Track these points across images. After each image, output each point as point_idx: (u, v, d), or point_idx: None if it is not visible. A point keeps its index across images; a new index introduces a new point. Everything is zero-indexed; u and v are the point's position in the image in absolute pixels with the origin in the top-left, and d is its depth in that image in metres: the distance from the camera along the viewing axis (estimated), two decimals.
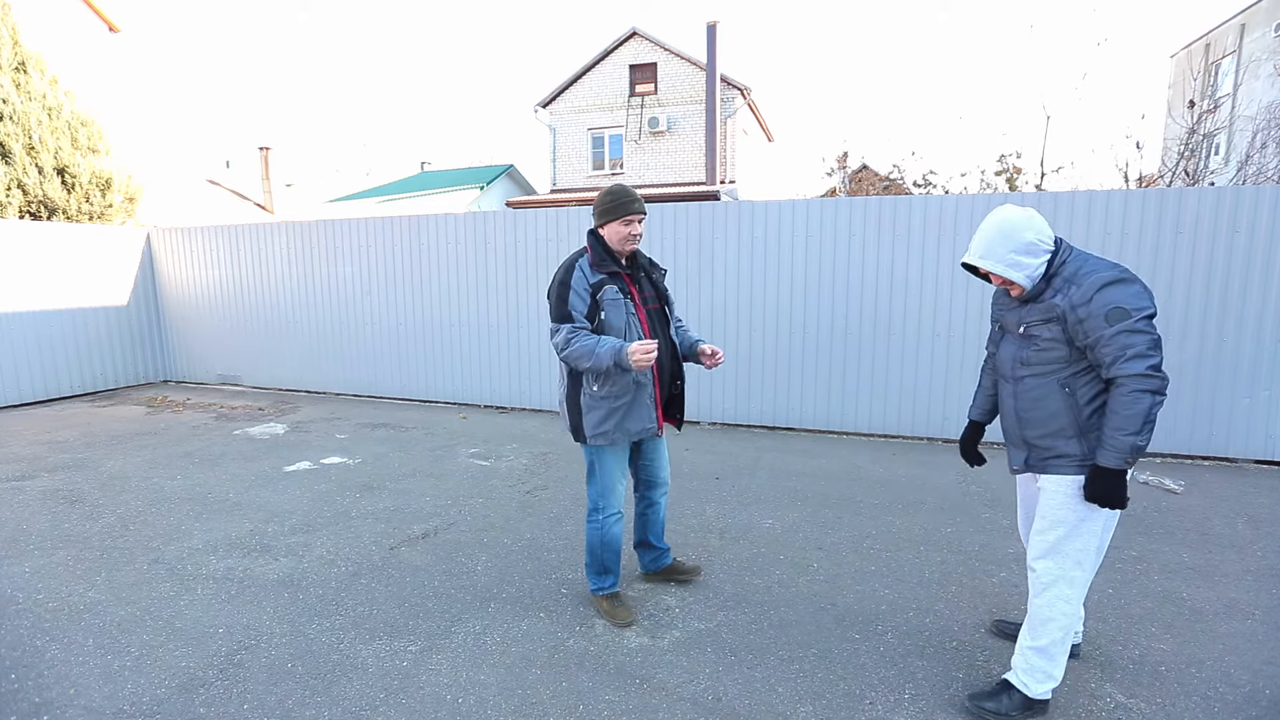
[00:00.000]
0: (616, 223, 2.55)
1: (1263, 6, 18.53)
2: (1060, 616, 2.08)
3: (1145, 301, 1.89)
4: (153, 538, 3.57)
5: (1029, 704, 2.13)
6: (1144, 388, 1.85)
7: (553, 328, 2.53)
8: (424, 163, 25.17)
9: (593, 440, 2.61)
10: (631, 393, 2.57)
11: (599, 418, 2.57)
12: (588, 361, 2.43)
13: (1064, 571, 2.08)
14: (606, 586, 2.81)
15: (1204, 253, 4.82)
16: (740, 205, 5.87)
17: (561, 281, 2.53)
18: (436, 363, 7.07)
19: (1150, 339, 1.87)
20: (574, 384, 2.61)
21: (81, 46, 10.35)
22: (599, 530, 2.73)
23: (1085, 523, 2.05)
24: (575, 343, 2.45)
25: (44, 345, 7.20)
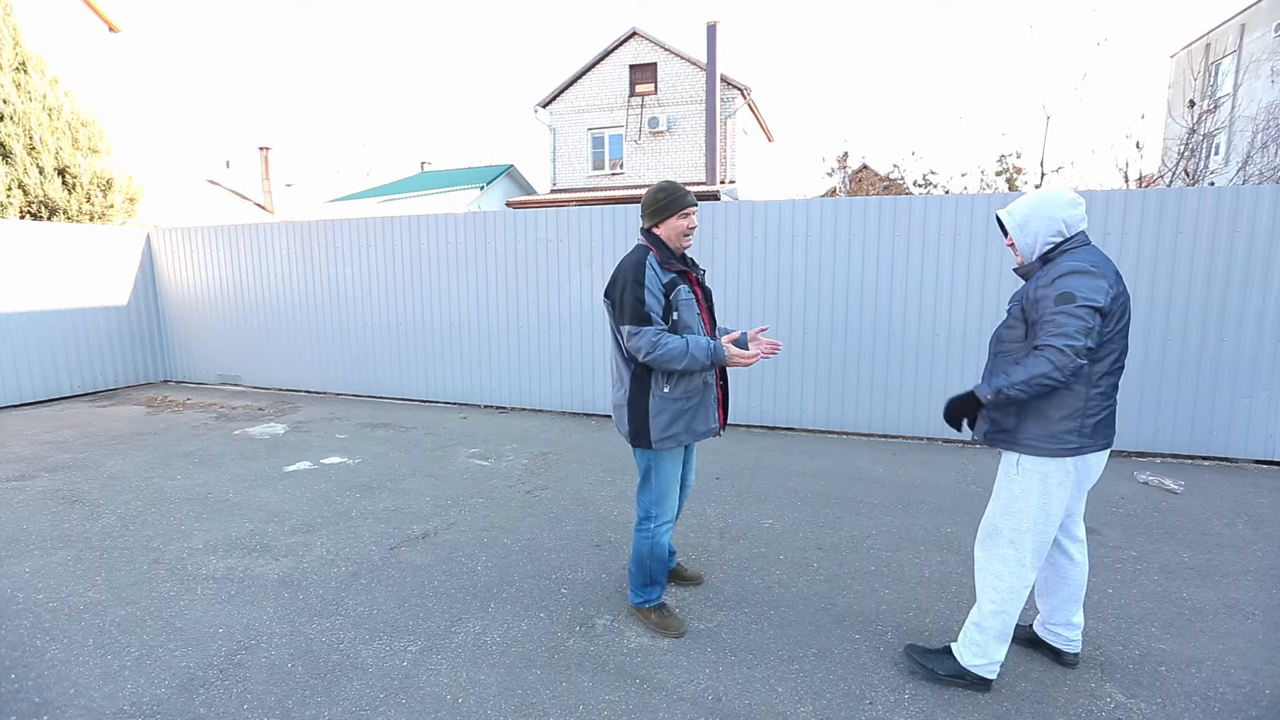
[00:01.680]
0: (674, 218, 2.48)
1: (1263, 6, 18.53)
2: (991, 591, 2.19)
3: (1096, 295, 1.96)
4: (153, 538, 3.57)
5: (962, 673, 2.25)
6: (1050, 357, 1.95)
7: (631, 330, 2.37)
8: (424, 163, 25.17)
9: (659, 444, 2.48)
10: (701, 393, 2.52)
11: (668, 420, 2.47)
12: (680, 363, 2.34)
13: (996, 549, 2.20)
14: (653, 599, 2.71)
15: (1204, 253, 4.82)
16: (740, 205, 5.87)
17: (635, 281, 2.39)
18: (436, 363, 7.07)
19: (1083, 325, 1.94)
20: (639, 387, 2.48)
21: (81, 46, 10.36)
22: (649, 539, 2.60)
23: (1017, 502, 2.15)
24: (665, 344, 2.33)
25: (44, 345, 7.20)
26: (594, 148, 19.96)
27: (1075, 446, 2.07)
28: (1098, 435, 2.10)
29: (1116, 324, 2.04)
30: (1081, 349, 1.93)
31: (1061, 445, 2.07)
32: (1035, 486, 2.12)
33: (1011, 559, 2.16)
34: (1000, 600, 2.18)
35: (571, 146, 20.05)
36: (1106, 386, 2.09)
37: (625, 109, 19.24)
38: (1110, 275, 2.03)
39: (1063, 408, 2.06)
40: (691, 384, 2.49)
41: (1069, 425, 2.06)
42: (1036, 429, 2.10)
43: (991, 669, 2.23)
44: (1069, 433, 2.07)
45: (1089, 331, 1.94)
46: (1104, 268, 2.02)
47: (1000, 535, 2.19)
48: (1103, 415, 2.10)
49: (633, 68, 19.17)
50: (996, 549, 2.20)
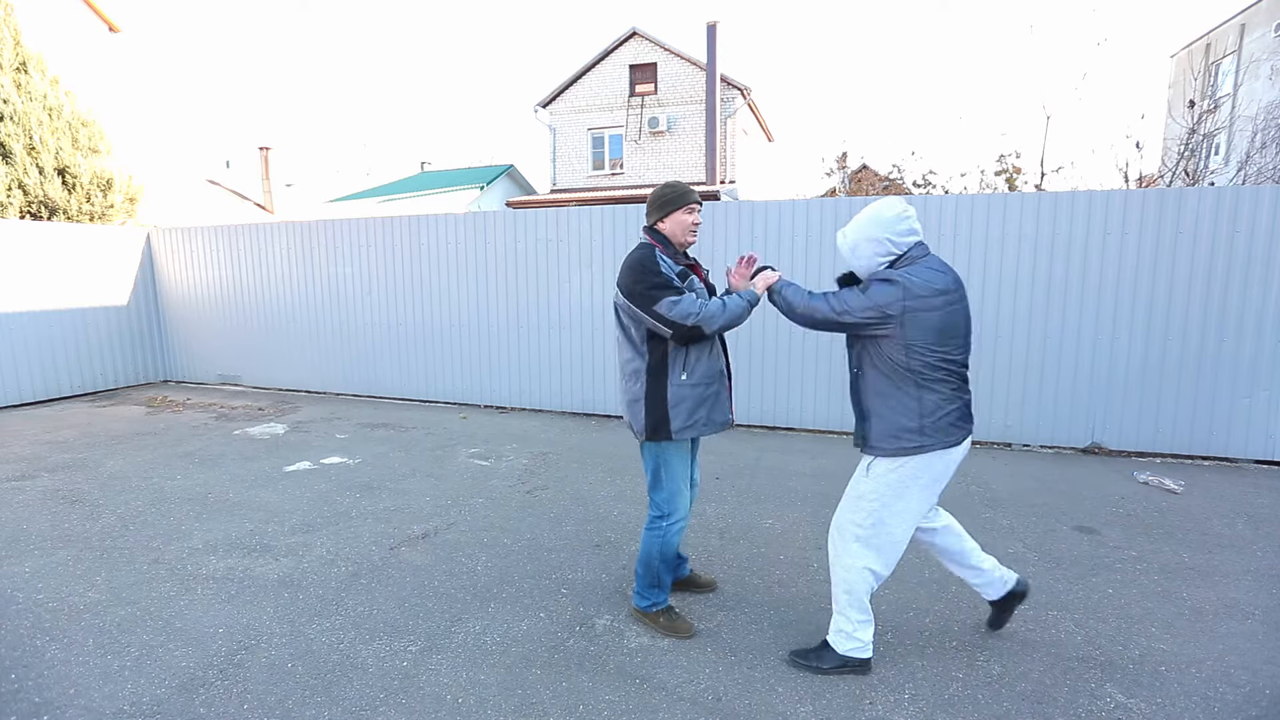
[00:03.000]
0: (679, 212, 2.50)
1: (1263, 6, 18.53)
2: (841, 581, 2.34)
3: (884, 299, 2.13)
4: (153, 538, 3.57)
5: (844, 661, 2.37)
6: (814, 304, 2.27)
7: (670, 301, 2.33)
8: (424, 163, 25.17)
9: (680, 434, 2.45)
10: (718, 380, 2.53)
11: (689, 408, 2.45)
12: (722, 319, 2.37)
13: (844, 540, 2.33)
14: (660, 603, 2.67)
15: (1204, 253, 4.82)
16: (740, 205, 5.87)
17: (649, 269, 2.39)
18: (436, 363, 7.07)
19: (844, 307, 2.19)
20: (656, 378, 2.45)
21: (82, 46, 10.36)
22: (660, 538, 2.55)
23: (864, 499, 2.29)
24: (708, 304, 2.36)
25: (44, 345, 7.20)
26: (594, 148, 19.96)
27: (916, 445, 2.19)
28: (940, 435, 2.20)
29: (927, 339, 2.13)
30: (822, 319, 2.24)
31: (901, 445, 2.21)
32: (879, 486, 2.26)
33: (858, 552, 2.30)
34: (849, 587, 2.32)
35: (571, 146, 20.04)
36: (944, 390, 2.19)
37: (625, 109, 19.24)
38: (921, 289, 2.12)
39: (900, 410, 2.20)
40: (710, 370, 2.50)
41: (908, 426, 2.20)
42: (879, 430, 2.25)
43: (865, 649, 2.36)
44: (909, 433, 2.20)
45: (845, 313, 2.18)
46: (918, 284, 2.13)
47: (846, 531, 2.33)
48: (943, 416, 2.19)
49: (633, 68, 19.17)
50: (844, 543, 2.33)
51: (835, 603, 2.38)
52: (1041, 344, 5.22)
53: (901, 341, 2.14)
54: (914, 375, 2.16)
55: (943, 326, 2.15)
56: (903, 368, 2.17)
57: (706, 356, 2.49)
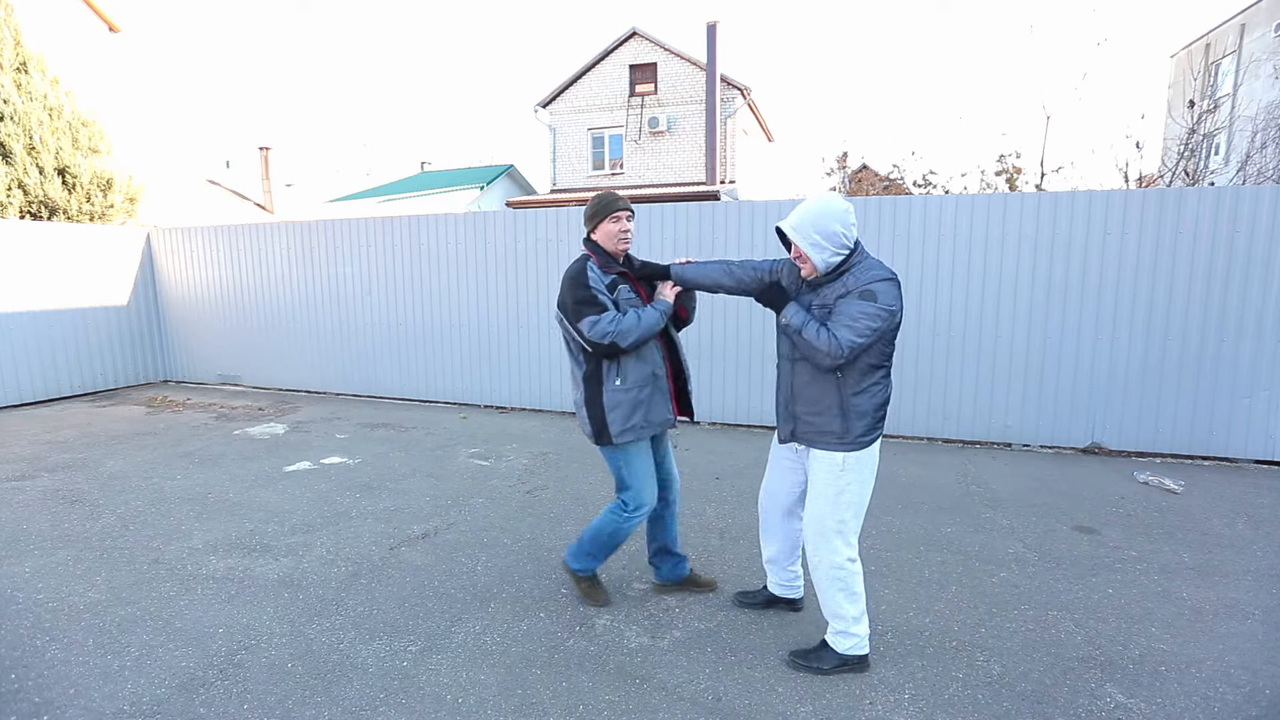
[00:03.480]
0: (607, 221, 2.61)
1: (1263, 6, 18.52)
2: (835, 581, 2.35)
3: (895, 302, 2.18)
4: (153, 538, 3.57)
5: (844, 660, 2.38)
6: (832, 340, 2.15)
7: (590, 321, 2.47)
8: (424, 163, 25.16)
9: (620, 438, 2.56)
10: (651, 383, 2.61)
11: (625, 412, 2.56)
12: (636, 331, 2.48)
13: (828, 541, 2.33)
14: (589, 569, 2.84)
15: (1204, 253, 4.82)
16: (740, 205, 5.87)
17: (579, 284, 2.52)
18: (436, 363, 7.07)
19: (872, 327, 2.14)
20: (593, 385, 2.59)
21: (82, 46, 10.35)
22: (616, 524, 2.67)
23: (844, 495, 2.31)
24: (619, 320, 2.47)
25: (44, 345, 7.20)
26: (594, 148, 19.96)
27: (879, 433, 2.32)
28: (884, 422, 2.35)
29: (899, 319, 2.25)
30: (858, 348, 2.15)
31: (874, 436, 2.30)
32: (856, 480, 2.30)
33: (842, 547, 2.33)
34: (844, 585, 2.35)
35: (571, 146, 20.04)
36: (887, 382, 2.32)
37: (625, 109, 19.24)
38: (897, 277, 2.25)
39: (876, 401, 2.28)
40: (641, 374, 2.59)
41: (879, 416, 2.29)
42: (861, 426, 2.27)
43: (863, 645, 2.39)
44: (879, 422, 2.30)
45: (874, 332, 2.15)
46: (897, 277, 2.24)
47: (829, 530, 2.34)
48: (886, 403, 2.33)
49: (633, 68, 19.17)
50: (829, 543, 2.34)
51: (828, 603, 2.39)
52: (1041, 344, 5.22)
53: (892, 332, 2.23)
54: (885, 364, 2.27)
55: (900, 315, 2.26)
56: (884, 359, 2.26)
57: (637, 362, 2.59)
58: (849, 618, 2.35)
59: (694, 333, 6.05)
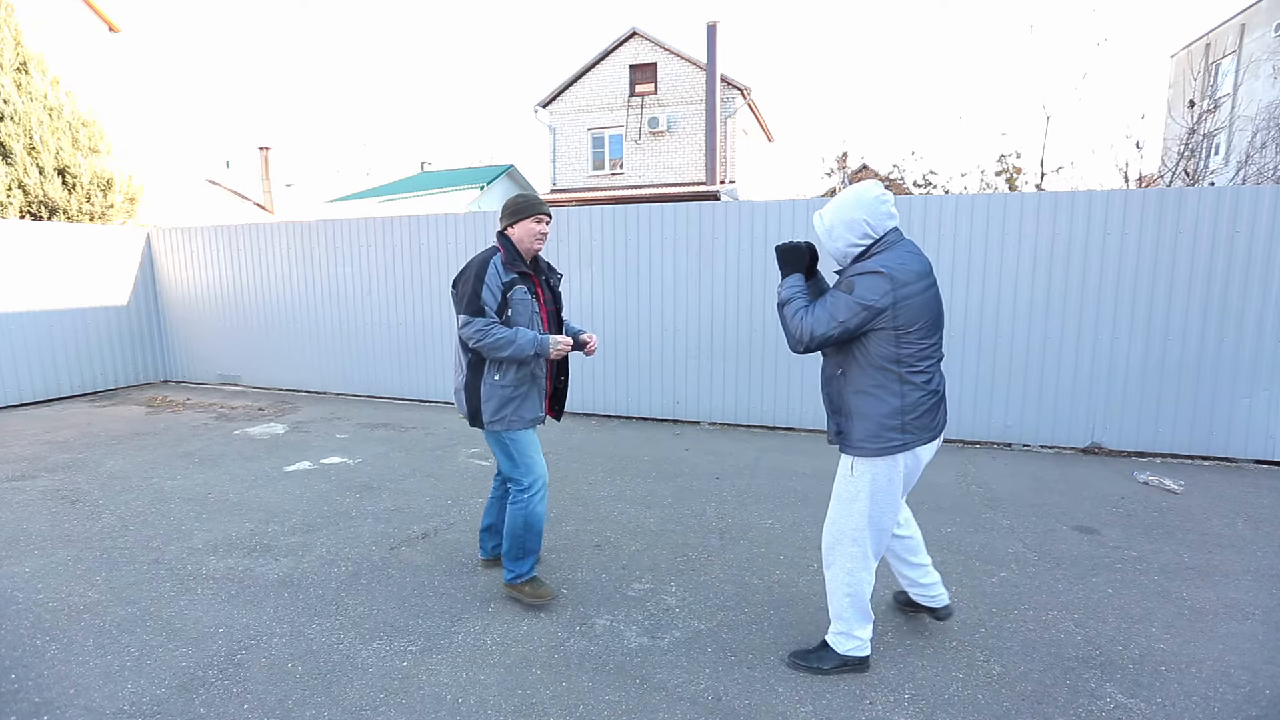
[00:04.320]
0: (529, 220, 2.70)
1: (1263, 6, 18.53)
2: (842, 585, 2.33)
3: (871, 294, 2.07)
4: (153, 538, 3.57)
5: (844, 660, 2.37)
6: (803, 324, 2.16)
7: (463, 319, 2.61)
8: (424, 163, 25.16)
9: (491, 425, 2.71)
10: (528, 384, 2.75)
11: (497, 405, 2.69)
12: (506, 351, 2.58)
13: (841, 546, 2.32)
14: (525, 573, 2.82)
15: (1204, 253, 4.82)
16: (740, 205, 5.87)
17: (476, 277, 2.62)
18: (436, 363, 7.06)
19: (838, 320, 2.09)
20: (474, 373, 2.72)
21: (82, 46, 10.35)
22: (523, 509, 2.74)
23: (854, 503, 2.26)
24: (493, 333, 2.58)
25: (44, 345, 7.20)
26: (594, 148, 19.96)
27: (900, 444, 2.18)
28: (922, 430, 2.20)
29: (915, 323, 2.11)
30: (818, 338, 2.13)
31: (886, 444, 2.18)
32: (867, 487, 2.23)
33: (857, 554, 2.29)
34: (851, 590, 2.32)
35: (571, 146, 20.04)
36: (920, 383, 2.17)
37: (625, 109, 19.24)
38: (905, 275, 2.09)
39: (883, 408, 2.16)
40: (520, 374, 2.72)
41: (891, 424, 2.16)
42: (863, 430, 2.20)
43: (864, 648, 2.37)
44: (892, 431, 2.17)
45: (841, 324, 2.10)
46: (900, 270, 2.09)
47: (844, 535, 2.31)
48: (925, 409, 2.19)
49: (633, 68, 19.17)
50: (842, 548, 2.32)
51: (834, 605, 2.38)
52: (1041, 344, 5.22)
53: (893, 331, 2.10)
54: (900, 368, 2.13)
55: (927, 310, 2.15)
56: (891, 360, 2.13)
57: (519, 364, 2.69)
58: (852, 619, 2.35)
59: (694, 333, 6.05)
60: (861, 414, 2.20)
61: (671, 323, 6.11)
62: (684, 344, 6.11)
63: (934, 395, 2.21)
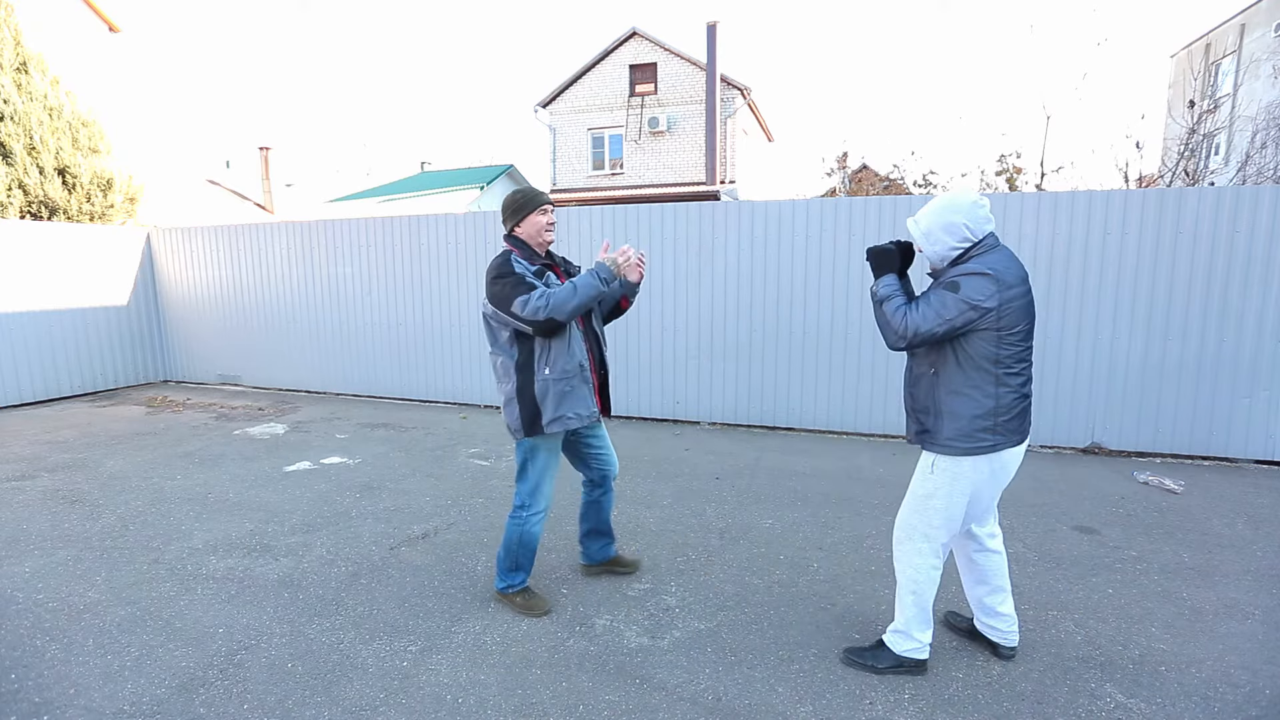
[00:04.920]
0: (534, 214, 2.62)
1: (1263, 6, 18.52)
2: (908, 582, 2.33)
3: (979, 295, 2.07)
4: (153, 538, 3.57)
5: (899, 661, 2.37)
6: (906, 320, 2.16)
7: (522, 300, 2.45)
8: (424, 163, 25.16)
9: (549, 427, 2.60)
10: (577, 374, 2.63)
11: (555, 402, 2.59)
12: (574, 300, 2.45)
13: (912, 542, 2.32)
14: (517, 584, 2.84)
15: (1204, 253, 4.82)
16: (740, 205, 5.87)
17: (504, 270, 2.52)
18: (436, 363, 7.07)
19: (944, 318, 2.09)
20: (525, 374, 2.61)
21: (82, 46, 10.35)
22: (519, 527, 2.73)
23: (931, 499, 2.26)
24: (553, 294, 2.45)
25: (44, 345, 7.20)
26: (594, 148, 19.96)
27: (990, 444, 2.16)
28: (1011, 432, 2.18)
29: (1016, 325, 2.11)
30: (923, 334, 2.12)
31: (976, 444, 2.16)
32: (945, 485, 2.22)
33: (927, 551, 2.30)
34: (916, 589, 2.32)
35: (571, 146, 20.05)
36: (1015, 385, 2.16)
37: (625, 109, 19.24)
38: (1010, 278, 2.10)
39: (977, 408, 2.15)
40: (570, 364, 2.60)
41: (983, 424, 2.15)
42: (953, 429, 2.18)
43: (922, 650, 2.36)
44: (983, 431, 2.15)
45: (947, 322, 2.09)
46: (1005, 272, 2.10)
47: (915, 531, 2.31)
48: (1017, 411, 2.18)
49: (633, 68, 19.17)
50: (913, 544, 2.32)
51: (899, 602, 2.37)
52: (1041, 344, 5.22)
53: (995, 332, 2.09)
54: (998, 368, 2.12)
55: (1027, 314, 2.14)
56: (990, 360, 2.12)
57: (564, 353, 2.59)
58: (912, 619, 2.34)
59: (694, 333, 6.05)
60: (953, 413, 2.18)
61: (671, 323, 6.11)
62: (684, 344, 6.11)
63: (1025, 398, 2.19)
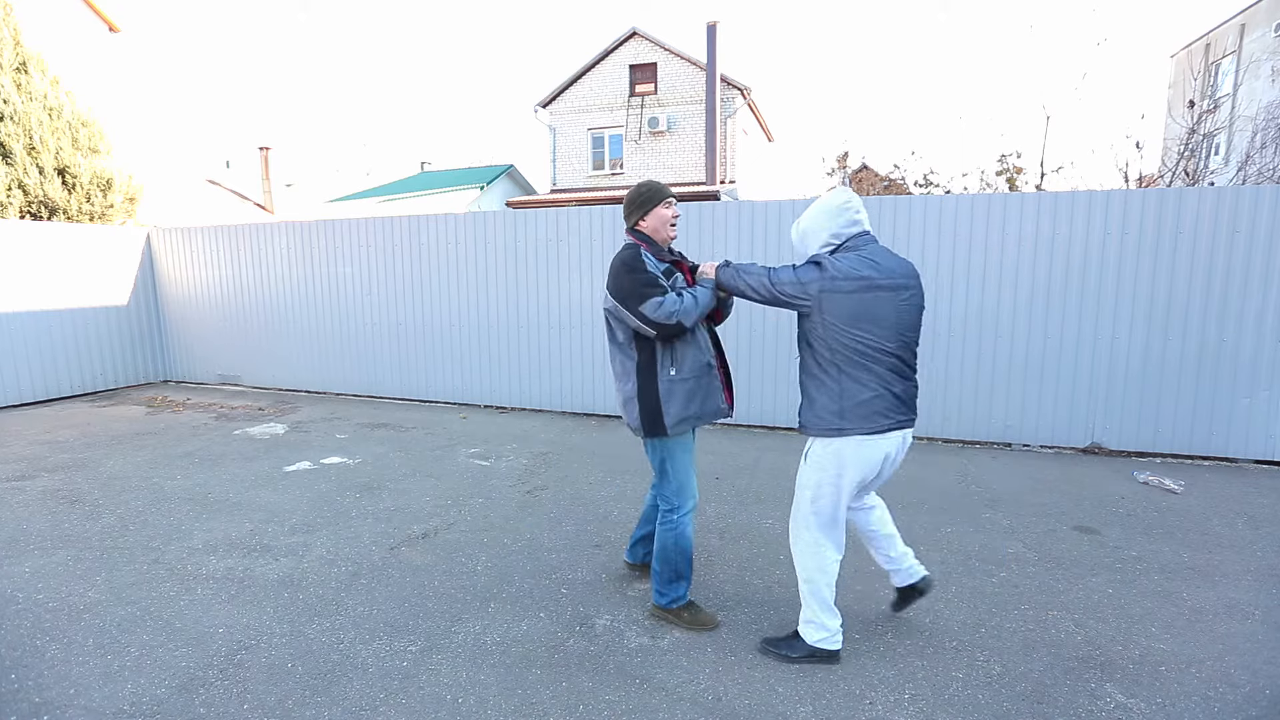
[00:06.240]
0: (659, 207, 2.57)
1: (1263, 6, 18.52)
2: (801, 571, 2.42)
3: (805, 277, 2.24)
4: (153, 538, 3.57)
5: (812, 651, 2.42)
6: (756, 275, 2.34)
7: (655, 301, 2.38)
8: (424, 163, 25.17)
9: (675, 429, 2.49)
10: (706, 372, 2.55)
11: (682, 402, 2.49)
12: (696, 312, 2.42)
13: (797, 532, 2.43)
14: (681, 597, 2.68)
15: (1204, 253, 4.82)
16: (740, 205, 5.87)
17: (637, 268, 2.45)
18: (436, 363, 7.06)
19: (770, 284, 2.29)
20: (648, 375, 2.49)
21: (81, 46, 10.36)
22: (673, 530, 2.58)
23: (805, 488, 2.38)
24: (681, 302, 2.40)
25: (44, 345, 7.20)
26: (594, 148, 19.95)
27: (836, 429, 2.28)
28: (860, 421, 2.25)
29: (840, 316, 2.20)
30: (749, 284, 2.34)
31: (826, 426, 2.30)
32: (815, 471, 2.36)
33: (808, 539, 2.40)
34: (809, 577, 2.40)
35: (571, 146, 20.04)
36: (865, 377, 2.23)
37: (625, 109, 19.24)
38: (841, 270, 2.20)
39: (826, 394, 2.29)
40: (698, 363, 2.53)
41: (830, 408, 2.28)
42: (810, 414, 2.35)
43: (834, 640, 2.41)
44: (831, 415, 2.28)
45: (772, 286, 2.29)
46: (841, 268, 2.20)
47: (798, 523, 2.42)
48: (863, 402, 2.24)
49: (633, 68, 19.17)
50: (799, 535, 2.43)
51: (803, 596, 2.45)
52: (1041, 344, 5.22)
53: (820, 321, 2.24)
54: (836, 358, 2.25)
55: (858, 311, 2.19)
56: (826, 348, 2.25)
57: (693, 350, 2.53)
58: (816, 608, 2.41)
59: None
60: (809, 396, 2.35)
61: None
62: None
63: (879, 391, 2.24)
